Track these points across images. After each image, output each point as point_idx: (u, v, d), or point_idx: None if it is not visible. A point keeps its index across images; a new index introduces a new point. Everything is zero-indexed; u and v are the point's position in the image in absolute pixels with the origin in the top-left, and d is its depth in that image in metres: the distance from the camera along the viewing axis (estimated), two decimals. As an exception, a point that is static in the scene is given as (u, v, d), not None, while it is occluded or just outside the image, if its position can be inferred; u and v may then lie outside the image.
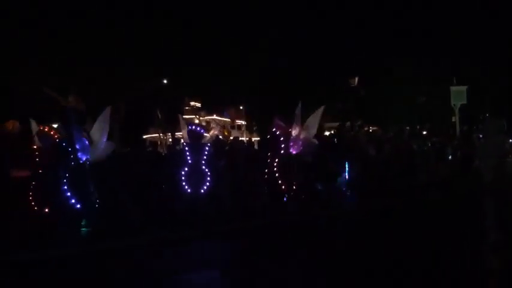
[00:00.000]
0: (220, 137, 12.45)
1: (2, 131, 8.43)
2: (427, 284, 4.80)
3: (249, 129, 23.81)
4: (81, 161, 7.92)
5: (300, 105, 10.41)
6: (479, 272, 5.03)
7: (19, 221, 7.55)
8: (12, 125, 8.48)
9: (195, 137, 9.41)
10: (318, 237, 7.51)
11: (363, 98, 22.95)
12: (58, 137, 8.05)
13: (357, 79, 21.48)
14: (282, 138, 10.03)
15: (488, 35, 23.84)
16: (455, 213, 8.67)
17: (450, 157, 15.06)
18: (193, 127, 9.80)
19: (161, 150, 15.55)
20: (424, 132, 17.14)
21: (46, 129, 8.27)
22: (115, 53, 15.42)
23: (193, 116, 21.87)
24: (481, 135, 17.36)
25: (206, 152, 9.28)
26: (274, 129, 10.26)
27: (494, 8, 23.25)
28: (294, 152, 10.28)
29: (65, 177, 7.68)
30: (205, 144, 9.50)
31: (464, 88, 20.20)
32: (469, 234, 6.48)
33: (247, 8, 17.91)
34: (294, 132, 10.23)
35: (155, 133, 20.98)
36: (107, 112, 8.96)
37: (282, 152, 10.04)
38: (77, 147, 7.86)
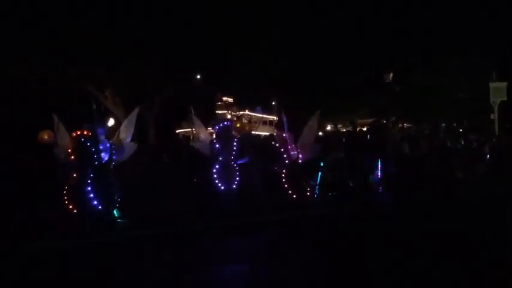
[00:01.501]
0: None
1: (40, 141, 8.72)
2: (455, 281, 4.72)
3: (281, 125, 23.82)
4: (103, 161, 8.13)
5: (283, 114, 10.26)
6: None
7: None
8: (48, 135, 8.73)
9: (224, 131, 9.36)
10: (342, 232, 7.47)
11: (398, 94, 22.47)
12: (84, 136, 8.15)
13: (391, 74, 21.03)
14: (282, 149, 9.77)
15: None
16: (489, 212, 8.43)
17: (488, 156, 14.60)
18: (221, 124, 9.67)
19: (193, 144, 15.79)
20: (461, 130, 16.71)
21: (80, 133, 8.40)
22: (151, 48, 15.70)
23: (226, 111, 22.09)
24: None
25: (235, 148, 9.32)
26: (273, 142, 10.02)
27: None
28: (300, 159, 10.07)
29: (89, 177, 7.91)
30: (234, 139, 9.45)
31: (504, 84, 19.52)
32: (499, 234, 6.30)
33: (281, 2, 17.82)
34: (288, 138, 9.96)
35: (188, 128, 21.32)
36: (134, 114, 9.15)
37: (287, 161, 9.81)
38: (101, 147, 8.10)
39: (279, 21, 17.74)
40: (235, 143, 9.35)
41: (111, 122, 17.53)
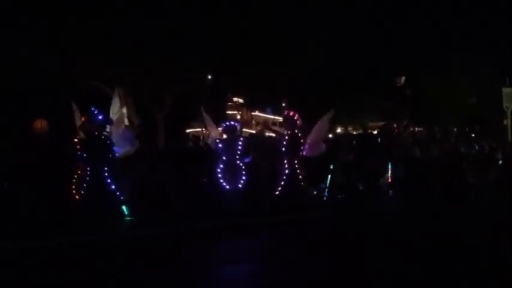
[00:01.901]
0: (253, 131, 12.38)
1: (32, 131, 8.80)
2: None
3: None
4: (117, 154, 8.23)
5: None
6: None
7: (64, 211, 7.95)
8: (41, 124, 8.78)
9: (229, 131, 9.31)
10: (349, 234, 7.42)
11: (409, 97, 22.32)
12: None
13: (403, 78, 20.90)
14: (302, 140, 9.62)
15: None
16: (499, 217, 8.32)
17: (501, 162, 14.44)
18: (228, 122, 9.58)
19: (202, 144, 15.83)
20: (473, 135, 16.54)
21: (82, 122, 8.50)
22: (164, 46, 15.77)
23: (236, 112, 22.05)
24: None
25: (240, 147, 9.20)
26: (296, 130, 9.65)
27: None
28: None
29: (106, 171, 7.98)
30: (239, 139, 9.34)
31: (517, 90, 19.29)
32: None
33: (292, 5, 17.74)
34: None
35: (198, 128, 21.35)
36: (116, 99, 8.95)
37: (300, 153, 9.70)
38: (113, 140, 8.21)
39: (290, 23, 17.71)
40: (240, 143, 9.33)
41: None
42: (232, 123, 9.63)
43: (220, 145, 9.22)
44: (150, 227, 7.79)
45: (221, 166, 9.09)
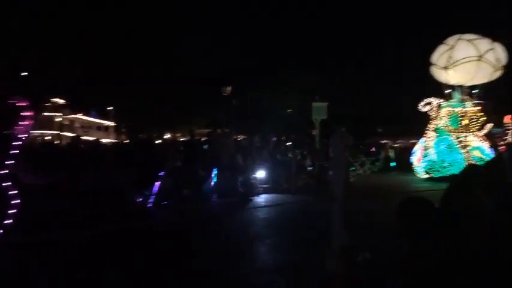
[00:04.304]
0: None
1: None
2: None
3: (118, 131, 22.89)
4: None
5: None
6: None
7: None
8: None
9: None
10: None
11: (234, 107, 23.59)
12: None
13: (229, 88, 21.96)
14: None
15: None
16: (308, 218, 9.32)
17: (311, 168, 16.24)
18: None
19: None
20: (290, 143, 18.26)
21: None
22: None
23: (54, 114, 20.22)
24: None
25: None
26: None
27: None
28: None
29: None
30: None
31: (325, 104, 21.97)
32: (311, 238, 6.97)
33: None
34: None
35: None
36: None
37: None
38: None
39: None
40: None
41: None
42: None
43: None
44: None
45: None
